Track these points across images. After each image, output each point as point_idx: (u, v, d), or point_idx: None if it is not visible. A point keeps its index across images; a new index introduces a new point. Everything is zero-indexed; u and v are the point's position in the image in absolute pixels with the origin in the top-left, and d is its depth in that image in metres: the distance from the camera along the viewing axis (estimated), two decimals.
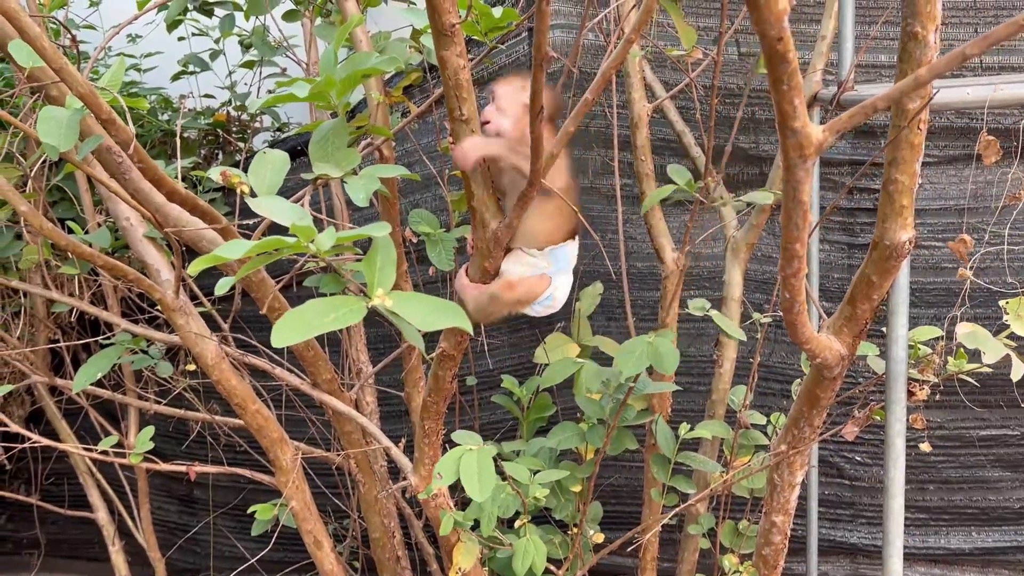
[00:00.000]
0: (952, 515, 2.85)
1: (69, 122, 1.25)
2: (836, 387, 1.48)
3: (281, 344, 0.80)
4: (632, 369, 1.38)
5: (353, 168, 1.19)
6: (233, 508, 3.28)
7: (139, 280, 1.68)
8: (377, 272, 0.89)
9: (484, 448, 1.31)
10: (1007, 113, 2.63)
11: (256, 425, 1.88)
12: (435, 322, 0.83)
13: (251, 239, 1.57)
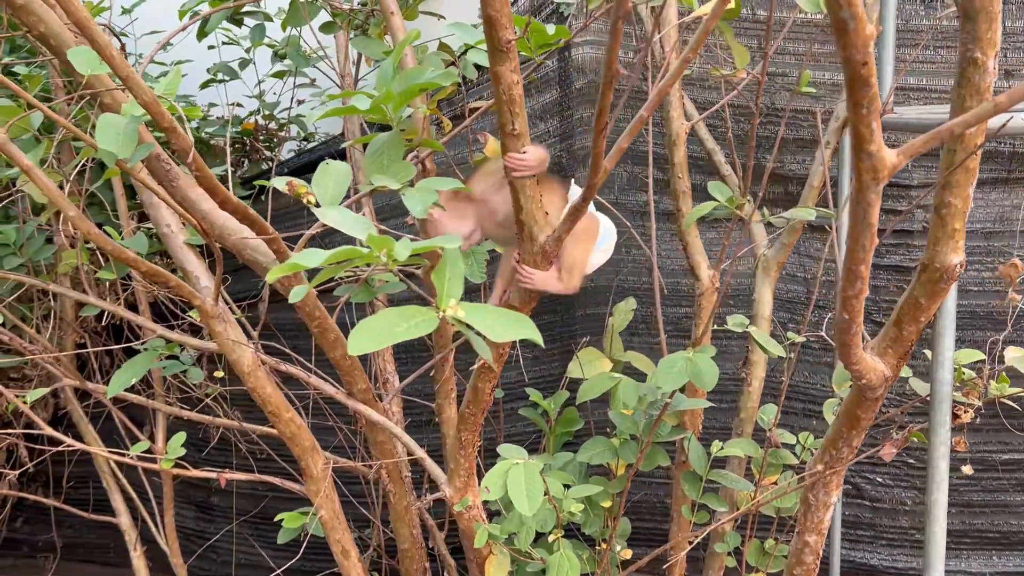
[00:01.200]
0: (973, 539, 2.85)
1: (127, 129, 1.27)
2: (877, 408, 1.48)
3: (357, 352, 0.81)
4: (671, 385, 1.39)
5: (410, 180, 1.20)
6: (251, 515, 3.29)
7: (180, 286, 1.69)
8: (447, 283, 0.90)
9: (530, 462, 1.31)
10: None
11: (289, 433, 1.88)
12: (507, 333, 0.83)
13: (293, 249, 1.59)
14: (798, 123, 2.67)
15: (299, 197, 1.06)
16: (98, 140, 1.26)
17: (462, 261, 0.92)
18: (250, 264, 1.63)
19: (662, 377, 1.39)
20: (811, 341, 2.71)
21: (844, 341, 1.15)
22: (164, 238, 1.78)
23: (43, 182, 1.48)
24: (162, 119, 1.18)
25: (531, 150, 1.26)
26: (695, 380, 1.38)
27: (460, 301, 0.91)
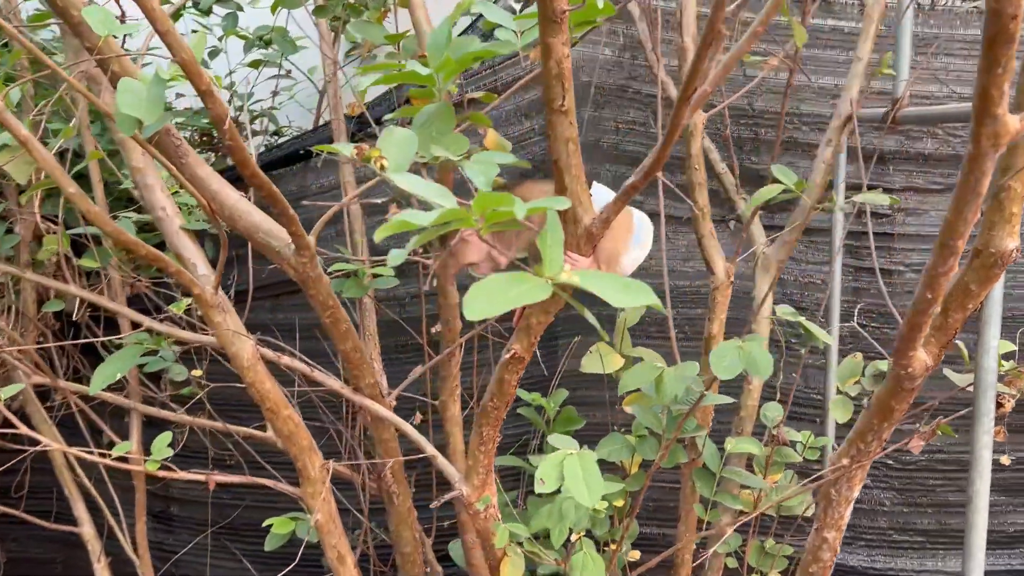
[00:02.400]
0: (949, 538, 2.88)
1: (152, 94, 1.17)
2: (912, 399, 1.47)
3: (476, 317, 0.74)
4: (725, 374, 1.34)
5: (466, 152, 1.14)
6: (220, 526, 3.14)
7: (180, 273, 1.58)
8: (549, 248, 0.83)
9: (585, 451, 1.25)
10: None
11: (287, 431, 1.79)
12: (625, 299, 0.78)
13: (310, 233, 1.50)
14: (784, 125, 2.68)
15: (367, 162, 0.99)
16: (120, 105, 1.16)
17: (561, 229, 0.86)
18: (262, 248, 1.53)
19: (715, 366, 1.35)
20: (793, 344, 2.72)
21: (916, 323, 1.12)
22: (158, 223, 1.67)
23: (42, 155, 1.37)
24: (200, 81, 1.09)
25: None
26: (750, 369, 1.34)
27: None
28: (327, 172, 2.89)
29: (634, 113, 2.75)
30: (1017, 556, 2.86)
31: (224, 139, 1.17)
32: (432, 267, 1.82)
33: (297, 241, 1.46)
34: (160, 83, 1.18)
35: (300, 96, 3.35)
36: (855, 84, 2.08)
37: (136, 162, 1.66)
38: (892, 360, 1.40)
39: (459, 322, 1.86)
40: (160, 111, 1.17)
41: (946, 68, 2.61)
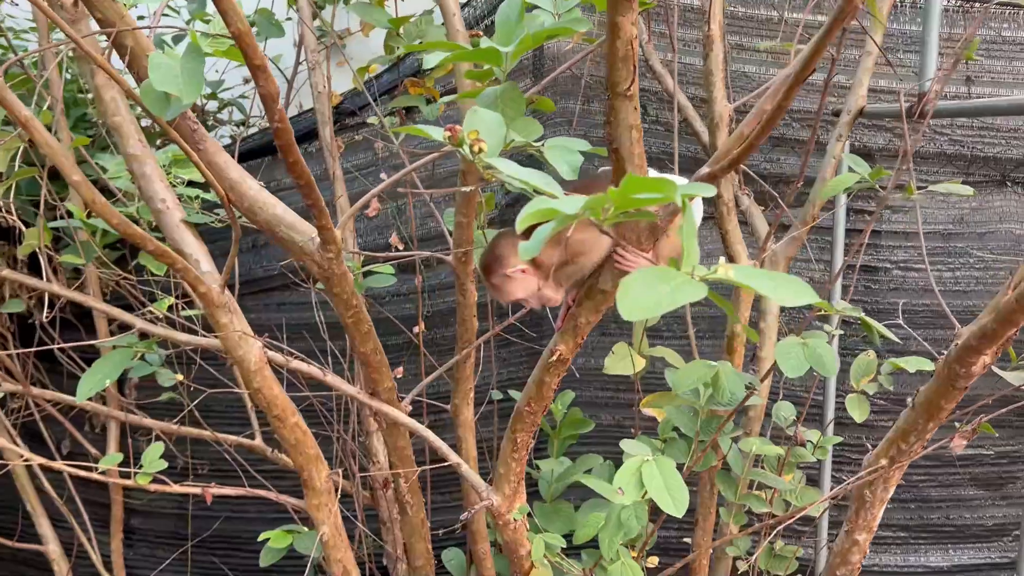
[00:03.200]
0: (930, 533, 2.91)
1: (190, 68, 1.05)
2: (961, 397, 1.44)
3: (634, 318, 0.66)
4: (793, 372, 1.29)
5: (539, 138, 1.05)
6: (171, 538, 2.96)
7: (187, 270, 1.45)
8: (686, 241, 0.76)
9: (662, 457, 1.18)
10: (994, 143, 2.73)
11: (294, 440, 1.67)
12: (788, 296, 0.70)
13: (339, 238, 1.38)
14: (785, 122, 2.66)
15: (460, 145, 0.89)
16: (154, 81, 1.03)
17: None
18: (283, 243, 1.41)
19: (781, 363, 1.29)
20: None
21: (998, 330, 1.08)
22: (157, 215, 1.53)
23: (45, 138, 1.22)
24: (255, 54, 0.97)
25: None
26: (816, 366, 1.29)
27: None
28: None
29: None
30: (996, 549, 2.91)
31: (272, 120, 1.06)
32: (452, 260, 1.73)
33: (324, 235, 1.35)
34: (198, 57, 1.05)
35: None
36: (865, 78, 2.06)
37: (132, 149, 1.52)
38: (950, 360, 1.37)
39: (476, 321, 1.77)
40: (200, 87, 1.05)
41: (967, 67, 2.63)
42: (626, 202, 0.76)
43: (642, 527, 1.29)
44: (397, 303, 2.74)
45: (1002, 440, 2.86)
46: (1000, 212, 2.77)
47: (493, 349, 2.67)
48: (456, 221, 1.62)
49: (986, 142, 2.72)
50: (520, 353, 2.81)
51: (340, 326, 2.57)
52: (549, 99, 1.23)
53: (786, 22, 2.65)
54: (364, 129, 2.74)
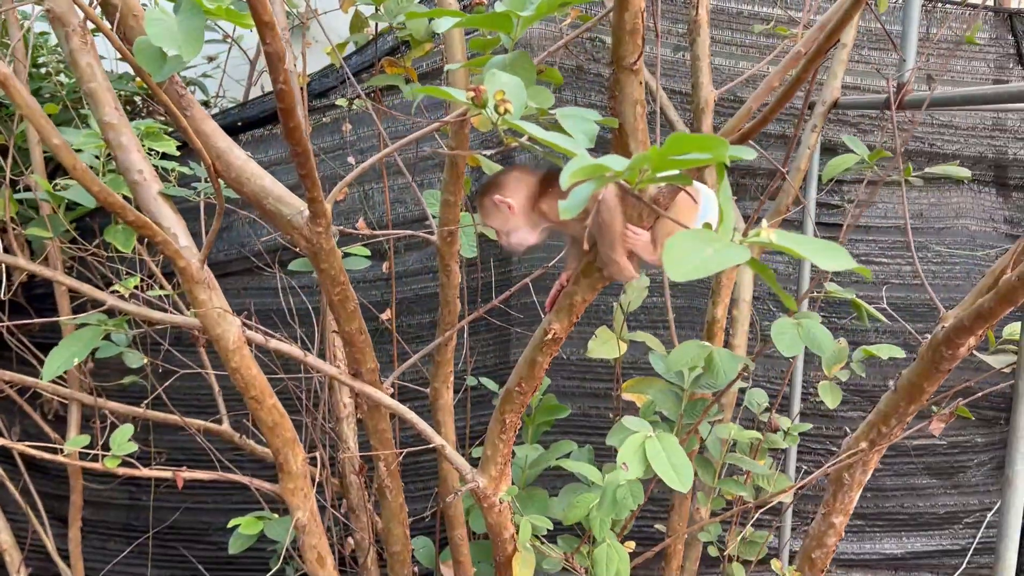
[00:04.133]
0: (886, 521, 2.98)
1: (190, 26, 1.00)
2: (942, 380, 1.46)
3: (682, 278, 0.64)
4: (790, 351, 1.29)
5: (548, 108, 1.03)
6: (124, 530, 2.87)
7: (166, 243, 1.40)
8: (724, 204, 0.75)
9: (665, 434, 1.17)
10: (953, 140, 2.81)
11: (271, 422, 1.62)
12: (828, 260, 0.70)
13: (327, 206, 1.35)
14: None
15: (483, 107, 0.87)
16: (152, 37, 0.99)
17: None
18: (270, 216, 1.37)
19: (778, 343, 1.29)
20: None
21: (991, 311, 1.10)
22: (134, 187, 1.47)
23: (24, 98, 1.16)
24: (264, 10, 0.93)
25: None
26: (811, 346, 1.30)
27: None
28: (265, 147, 2.70)
29: (595, 96, 2.70)
30: (947, 536, 2.99)
31: (277, 80, 1.02)
32: (437, 237, 1.70)
33: (315, 208, 1.31)
34: (197, 14, 1.01)
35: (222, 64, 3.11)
36: (840, 71, 2.09)
37: (108, 117, 1.45)
38: (936, 342, 1.39)
39: (459, 303, 1.74)
40: (200, 45, 1.00)
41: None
42: (664, 163, 0.75)
43: (637, 506, 1.29)
44: (363, 290, 2.70)
45: (954, 430, 2.94)
46: (957, 208, 2.85)
47: (468, 337, 2.65)
48: (443, 199, 1.59)
49: (945, 139, 2.79)
50: (488, 342, 2.79)
51: (309, 312, 2.54)
52: (556, 70, 1.21)
53: (752, 16, 2.68)
54: (332, 111, 2.69)
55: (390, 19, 1.91)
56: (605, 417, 2.75)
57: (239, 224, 2.65)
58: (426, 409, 1.91)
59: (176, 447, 2.72)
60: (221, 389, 2.10)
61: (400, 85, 1.92)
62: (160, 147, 1.66)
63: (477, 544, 1.99)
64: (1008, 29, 2.77)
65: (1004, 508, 1.39)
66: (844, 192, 2.80)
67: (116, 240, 1.82)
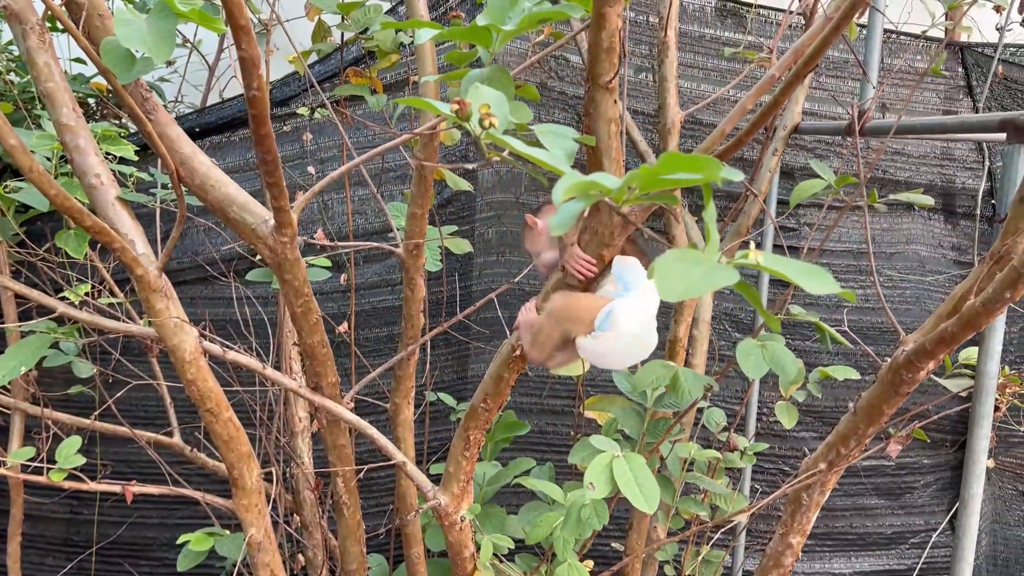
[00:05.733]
0: (835, 540, 3.02)
1: (160, 28, 0.98)
2: (900, 403, 1.48)
3: (672, 299, 0.64)
4: (754, 373, 1.30)
5: (526, 124, 1.02)
6: (64, 545, 2.77)
7: (124, 250, 1.35)
8: (708, 225, 0.75)
9: (631, 454, 1.16)
10: (905, 167, 2.88)
11: (227, 436, 1.58)
12: (814, 284, 0.70)
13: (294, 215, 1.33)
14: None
15: (467, 119, 0.85)
16: (121, 38, 0.96)
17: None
18: (233, 225, 1.33)
19: (743, 364, 1.29)
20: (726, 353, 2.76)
21: (980, 324, 1.11)
22: (90, 191, 1.42)
23: None
24: (240, 13, 0.91)
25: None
26: (776, 368, 1.30)
27: None
28: (223, 154, 2.65)
29: (558, 114, 2.70)
30: (895, 556, 3.04)
31: (251, 87, 0.99)
32: (403, 249, 1.67)
33: (281, 217, 1.29)
34: (168, 16, 0.98)
35: (181, 69, 3.06)
36: (801, 96, 2.13)
37: (66, 119, 1.40)
38: (897, 365, 1.41)
39: (423, 317, 1.72)
40: (172, 47, 0.97)
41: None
42: (655, 182, 0.74)
43: (601, 525, 1.28)
44: (319, 302, 2.63)
45: (901, 452, 2.99)
46: (908, 234, 2.91)
47: (429, 351, 2.62)
48: (410, 212, 1.58)
49: (898, 167, 2.86)
50: (447, 357, 2.77)
51: (264, 323, 2.49)
52: (533, 87, 1.21)
53: (714, 40, 2.72)
54: (292, 120, 2.66)
55: (357, 29, 1.89)
56: (562, 434, 2.74)
57: (193, 232, 2.59)
58: (382, 423, 1.89)
59: (121, 460, 2.64)
60: (172, 401, 2.04)
61: (365, 95, 1.90)
62: (118, 151, 1.61)
63: (434, 562, 1.97)
64: (959, 61, 2.86)
65: (959, 529, 1.41)
66: (800, 216, 2.85)
67: (67, 245, 1.76)
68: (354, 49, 2.46)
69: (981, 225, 2.95)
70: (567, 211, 0.71)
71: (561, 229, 0.71)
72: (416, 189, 1.56)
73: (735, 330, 2.77)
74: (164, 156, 1.23)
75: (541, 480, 1.60)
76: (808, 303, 2.88)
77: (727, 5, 2.70)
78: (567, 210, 0.71)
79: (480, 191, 2.67)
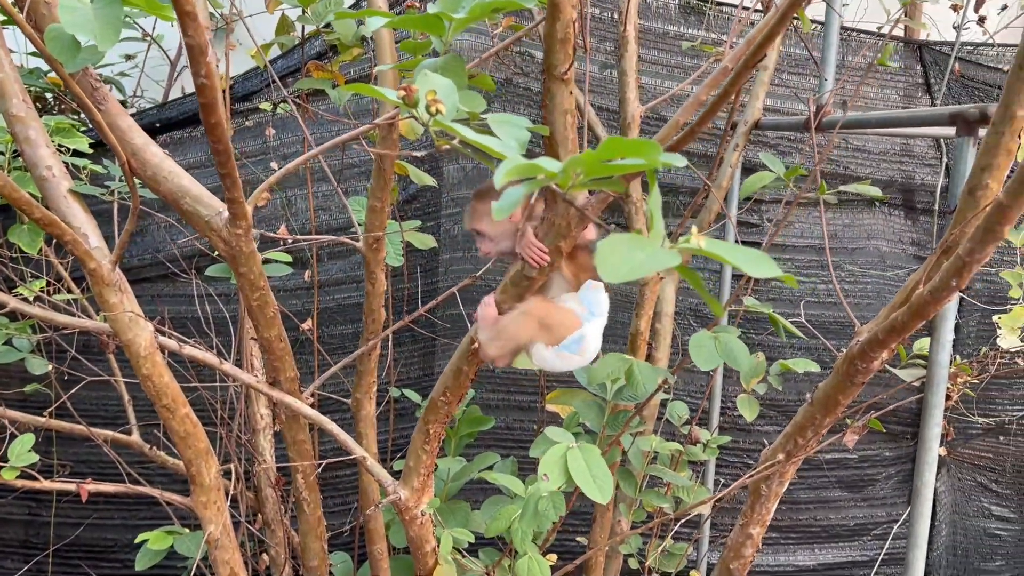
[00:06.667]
0: (799, 533, 3.05)
1: (106, 14, 0.96)
2: (856, 393, 1.50)
3: (613, 280, 0.64)
4: (707, 365, 1.30)
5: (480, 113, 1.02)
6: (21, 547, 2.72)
7: (76, 243, 1.33)
8: (653, 212, 0.75)
9: (587, 445, 1.16)
10: (866, 164, 2.91)
11: (183, 432, 1.56)
12: (756, 269, 0.70)
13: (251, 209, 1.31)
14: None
15: (414, 107, 0.85)
16: (65, 24, 0.94)
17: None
18: (187, 217, 1.32)
19: (695, 356, 1.30)
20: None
21: (928, 313, 1.13)
22: (42, 183, 1.40)
23: None
24: (186, 0, 0.90)
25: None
26: (729, 360, 1.31)
27: None
28: (185, 149, 2.62)
29: (523, 109, 2.71)
30: (857, 548, 3.07)
31: (199, 74, 0.98)
32: (362, 244, 1.67)
33: (234, 209, 1.27)
34: (115, 2, 0.97)
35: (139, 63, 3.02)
36: (761, 92, 2.14)
37: (15, 110, 1.38)
38: (852, 355, 1.43)
39: (384, 312, 1.71)
40: (117, 35, 0.96)
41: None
42: (598, 168, 0.74)
43: (559, 518, 1.28)
44: (283, 299, 2.64)
45: (863, 445, 3.03)
46: (869, 230, 2.95)
47: (393, 348, 2.61)
48: (370, 205, 1.57)
49: (859, 163, 2.89)
50: (413, 353, 2.76)
51: (225, 321, 2.47)
52: (489, 76, 1.20)
53: (678, 36, 2.74)
54: (255, 115, 2.63)
55: (318, 22, 1.88)
56: (529, 430, 2.74)
57: (154, 228, 2.56)
58: (347, 421, 1.88)
59: (79, 460, 2.60)
60: (131, 399, 2.02)
61: (327, 89, 1.89)
62: (71, 144, 1.59)
63: (397, 559, 1.96)
64: (917, 59, 2.90)
65: (913, 517, 1.43)
66: (763, 212, 2.87)
67: (21, 240, 1.73)
68: (317, 43, 2.45)
69: (940, 221, 2.99)
70: (510, 195, 0.71)
71: (503, 213, 0.71)
72: (376, 182, 1.55)
73: (699, 324, 2.79)
74: (115, 146, 1.21)
75: (503, 474, 1.60)
76: (772, 298, 2.91)
77: (690, 2, 2.72)
78: (510, 194, 0.71)
79: (446, 187, 2.66)
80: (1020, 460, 3.11)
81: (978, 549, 3.19)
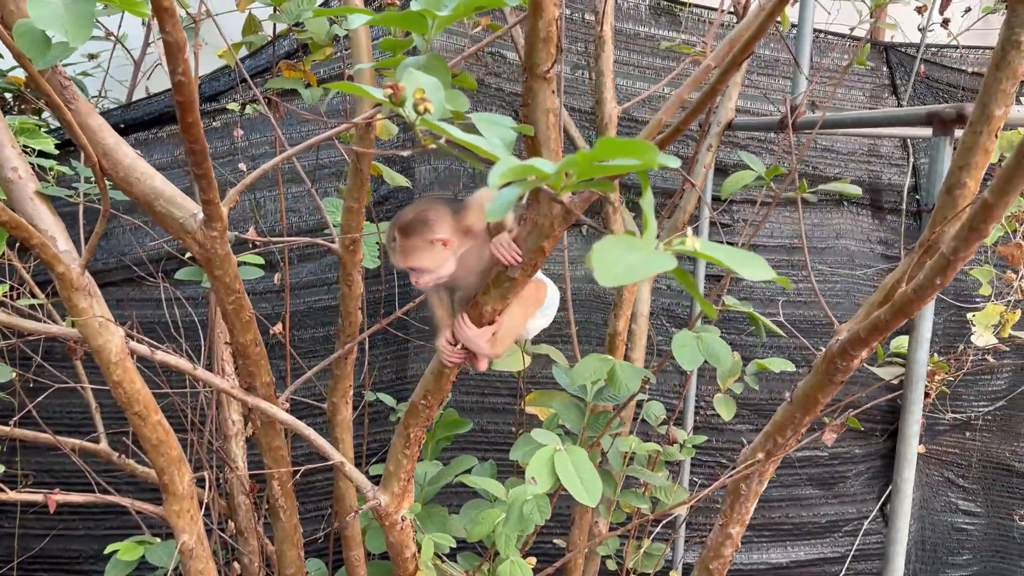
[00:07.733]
0: (772, 531, 3.07)
1: (78, 10, 0.93)
2: (836, 392, 1.51)
3: (609, 283, 0.63)
4: (689, 364, 1.30)
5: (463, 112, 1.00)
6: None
7: (44, 247, 1.29)
8: (646, 212, 0.74)
9: (573, 447, 1.15)
10: (835, 164, 2.94)
11: (155, 440, 1.52)
12: (749, 270, 0.70)
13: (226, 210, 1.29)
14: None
15: (400, 105, 0.83)
16: (34, 19, 0.91)
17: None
18: (160, 219, 1.28)
19: (679, 356, 1.30)
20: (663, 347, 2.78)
21: (912, 311, 1.13)
22: (7, 185, 1.36)
23: None
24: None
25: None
26: (711, 359, 1.31)
27: None
28: (150, 150, 2.57)
29: (495, 110, 2.69)
30: (828, 544, 3.10)
31: (176, 72, 0.95)
32: (339, 245, 1.64)
33: (210, 211, 1.24)
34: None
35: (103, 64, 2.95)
36: (734, 93, 2.15)
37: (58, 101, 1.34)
38: (832, 354, 1.43)
39: (360, 315, 1.69)
40: (90, 30, 0.93)
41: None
42: (592, 169, 0.73)
43: (543, 520, 1.27)
44: (253, 302, 2.56)
45: (834, 443, 3.06)
46: (837, 229, 2.98)
47: (368, 351, 2.58)
48: (346, 206, 1.54)
49: (828, 163, 2.92)
50: (386, 356, 2.73)
51: (195, 325, 2.42)
52: (470, 76, 1.19)
53: (648, 37, 2.74)
54: (223, 116, 2.59)
55: (290, 20, 1.85)
56: (505, 432, 2.73)
57: (120, 231, 2.50)
58: (319, 426, 1.85)
59: (44, 469, 2.54)
60: (99, 406, 1.96)
61: (300, 89, 1.86)
62: (37, 144, 1.54)
63: (374, 564, 1.93)
64: (884, 61, 2.94)
65: (892, 513, 1.44)
66: (734, 212, 2.89)
67: None
68: (287, 42, 2.41)
69: (907, 220, 3.03)
70: (504, 196, 0.69)
71: (498, 215, 0.69)
72: (352, 182, 1.53)
73: (672, 325, 2.80)
74: (85, 147, 1.18)
75: (483, 477, 1.59)
76: (742, 297, 2.92)
77: (661, 3, 2.73)
78: (504, 196, 0.69)
79: (418, 188, 2.64)
80: (986, 455, 3.17)
81: (946, 543, 3.23)
